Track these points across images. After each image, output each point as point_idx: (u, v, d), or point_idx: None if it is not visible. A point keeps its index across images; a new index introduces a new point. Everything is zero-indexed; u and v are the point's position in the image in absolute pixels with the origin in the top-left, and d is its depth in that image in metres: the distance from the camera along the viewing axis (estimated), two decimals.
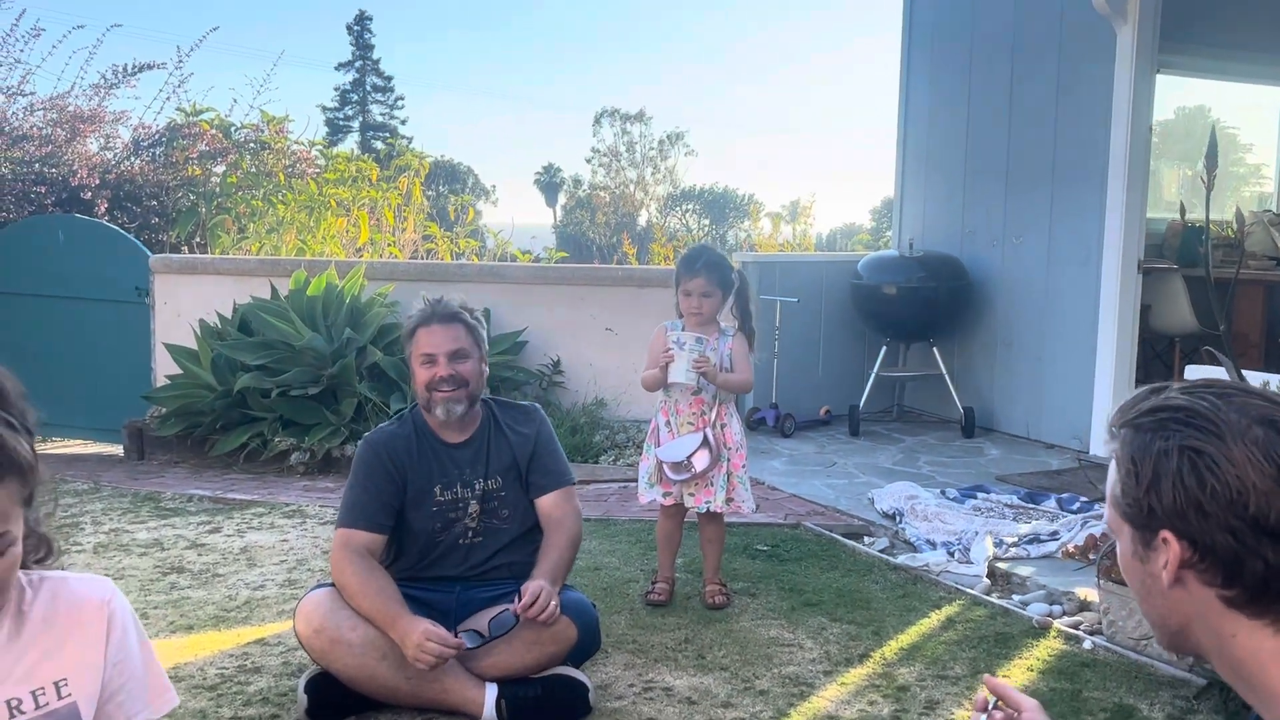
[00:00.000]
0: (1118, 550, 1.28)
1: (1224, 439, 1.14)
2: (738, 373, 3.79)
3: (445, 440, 3.12)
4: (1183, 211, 6.78)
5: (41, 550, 1.55)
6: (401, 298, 6.61)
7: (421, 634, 2.70)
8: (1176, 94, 8.23)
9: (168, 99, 9.07)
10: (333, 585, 2.96)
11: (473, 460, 3.11)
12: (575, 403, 6.56)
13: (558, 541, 3.07)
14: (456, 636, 2.78)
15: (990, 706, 1.39)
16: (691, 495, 3.79)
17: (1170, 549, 1.17)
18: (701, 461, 3.68)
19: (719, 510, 3.80)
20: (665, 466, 3.73)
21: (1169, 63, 6.44)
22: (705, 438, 3.70)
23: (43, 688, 1.49)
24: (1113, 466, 1.24)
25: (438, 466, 3.08)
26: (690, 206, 44.59)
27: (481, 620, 2.90)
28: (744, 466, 3.85)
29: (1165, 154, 8.78)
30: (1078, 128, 6.21)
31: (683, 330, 3.78)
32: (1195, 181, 9.14)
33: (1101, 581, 3.56)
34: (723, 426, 3.79)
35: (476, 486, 3.10)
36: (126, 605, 1.59)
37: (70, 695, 1.51)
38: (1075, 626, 3.62)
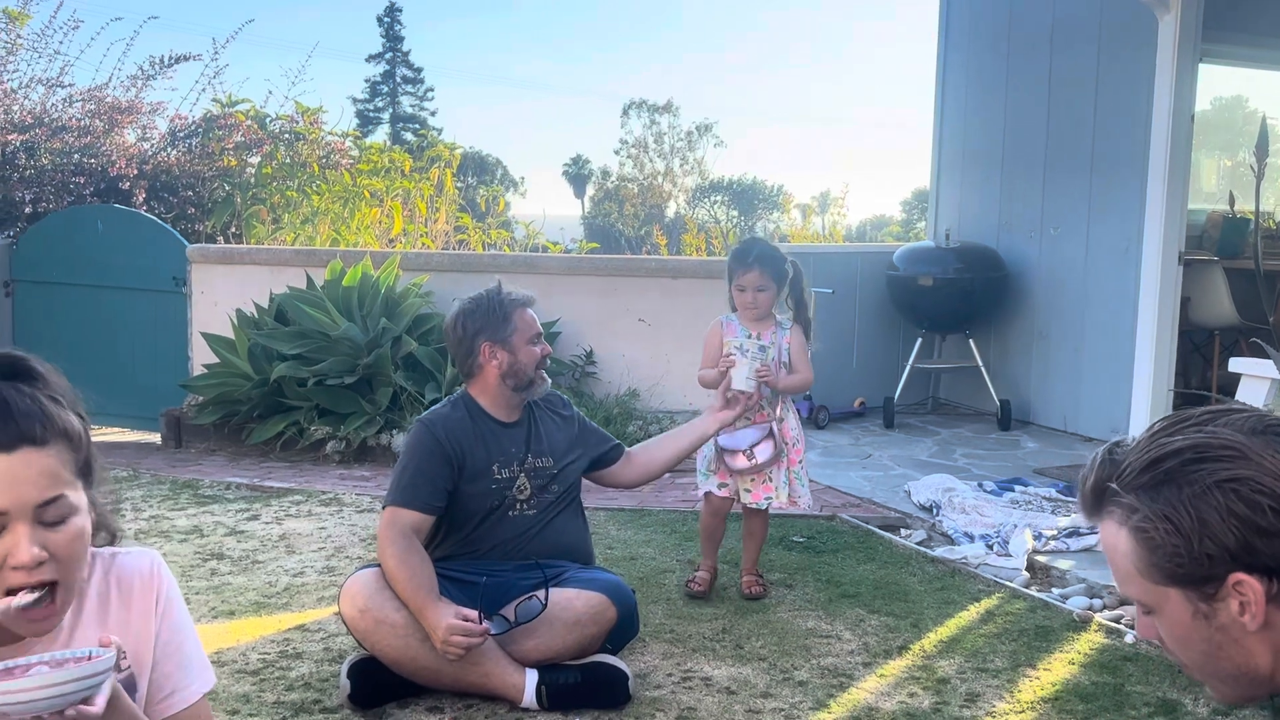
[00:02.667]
0: (1161, 627, 1.20)
1: (1248, 457, 1.12)
2: (798, 372, 3.76)
3: (499, 419, 3.20)
4: (1232, 201, 6.68)
5: (101, 534, 1.57)
6: (436, 288, 6.64)
7: (447, 628, 2.72)
8: (1213, 84, 8.12)
9: (204, 90, 9.13)
10: (377, 566, 2.99)
11: (526, 437, 3.21)
12: (608, 394, 6.56)
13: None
14: (483, 622, 2.80)
15: None
16: (748, 490, 3.74)
17: (1249, 589, 1.11)
18: (764, 452, 3.62)
19: (781, 507, 3.79)
20: (725, 456, 3.67)
21: (1211, 51, 6.34)
22: (770, 430, 3.65)
23: None
24: (1122, 539, 1.17)
25: (495, 445, 3.15)
26: (719, 198, 44.45)
27: (509, 607, 2.92)
28: (801, 461, 3.80)
29: (1203, 144, 8.67)
30: (1117, 117, 6.14)
31: (739, 325, 3.76)
32: (1235, 172, 9.03)
33: None
34: (779, 421, 3.73)
35: (528, 462, 3.18)
36: (172, 577, 1.62)
37: (129, 665, 1.53)
38: (1117, 620, 3.58)
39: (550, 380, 3.30)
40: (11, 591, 1.37)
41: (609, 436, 3.46)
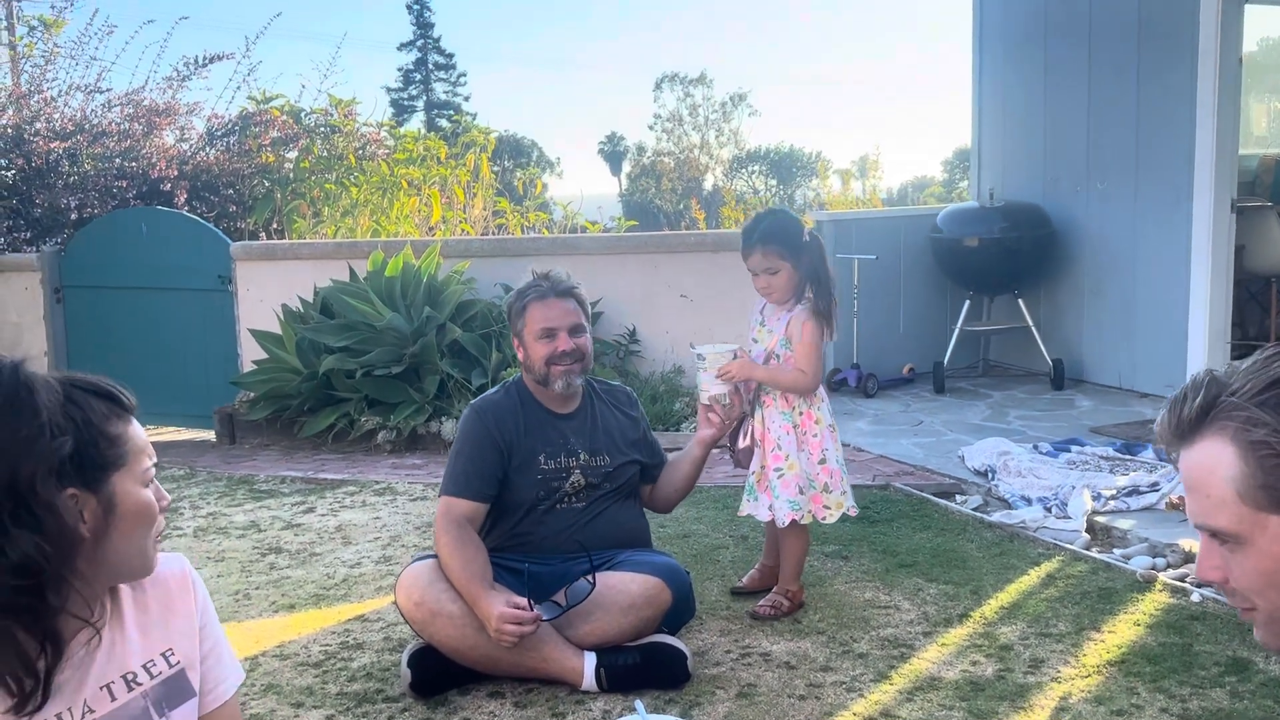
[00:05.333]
0: (1244, 562, 1.13)
1: None
2: (787, 367, 3.33)
3: (552, 410, 3.18)
4: None
5: None
6: (477, 274, 6.65)
7: (499, 616, 2.73)
8: (1262, 24, 7.90)
9: (238, 88, 9.20)
10: (431, 557, 3.01)
11: (578, 431, 3.18)
12: (653, 371, 6.54)
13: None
14: (533, 609, 2.80)
15: None
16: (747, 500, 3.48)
17: None
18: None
19: (765, 518, 3.41)
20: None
21: None
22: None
23: (152, 659, 1.56)
24: (1228, 458, 1.10)
25: (542, 435, 3.13)
26: (756, 168, 44.11)
27: (559, 592, 2.93)
28: (777, 470, 3.35)
29: (1254, 87, 8.44)
30: (1162, 64, 5.99)
31: (769, 306, 3.46)
32: None
33: None
34: (747, 411, 3.41)
35: (581, 457, 3.15)
36: (199, 577, 1.69)
37: (179, 662, 1.59)
38: (1181, 579, 3.52)
39: (580, 380, 3.14)
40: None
41: (660, 452, 3.36)
